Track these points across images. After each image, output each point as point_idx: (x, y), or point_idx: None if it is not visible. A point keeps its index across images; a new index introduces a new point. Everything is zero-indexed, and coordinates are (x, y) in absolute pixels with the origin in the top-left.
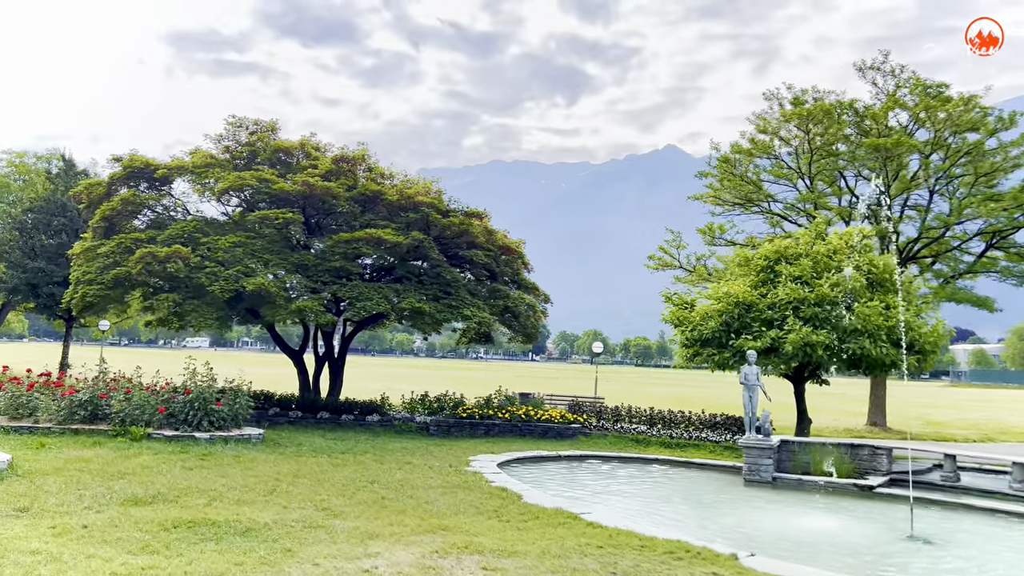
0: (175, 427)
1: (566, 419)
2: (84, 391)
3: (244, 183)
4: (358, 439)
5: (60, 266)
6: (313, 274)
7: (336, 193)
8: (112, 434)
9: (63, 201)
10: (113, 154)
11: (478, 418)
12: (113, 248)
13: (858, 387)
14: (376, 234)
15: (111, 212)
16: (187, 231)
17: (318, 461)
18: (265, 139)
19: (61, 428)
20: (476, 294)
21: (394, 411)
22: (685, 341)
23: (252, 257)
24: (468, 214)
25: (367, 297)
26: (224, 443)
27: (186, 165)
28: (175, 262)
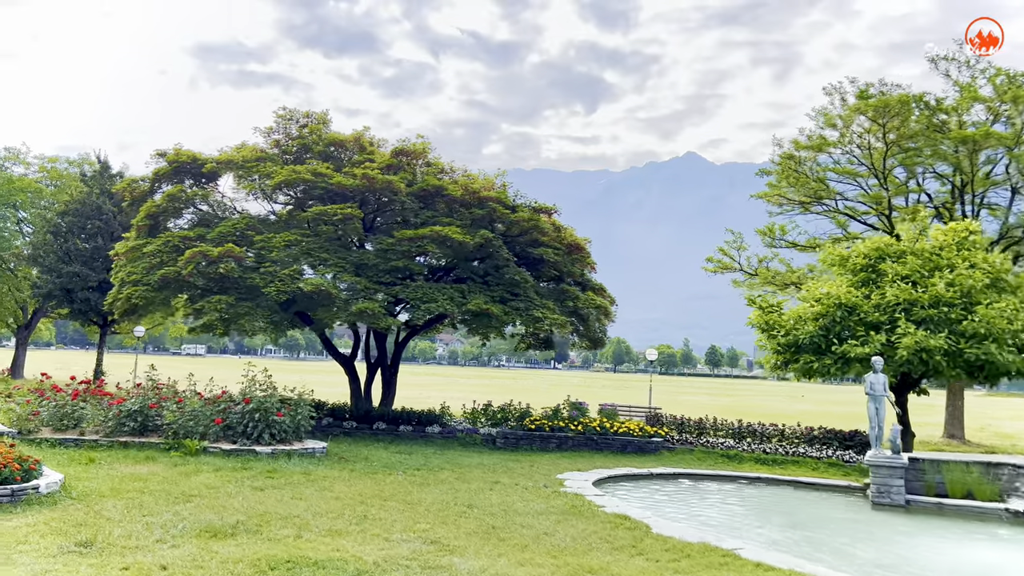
0: (232, 440)
1: (646, 432)
2: (133, 401)
3: (298, 177)
4: (426, 453)
5: (95, 270)
6: (372, 274)
7: (397, 188)
8: (164, 448)
9: (98, 203)
10: (157, 149)
11: (548, 430)
12: (160, 247)
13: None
14: (442, 232)
15: (156, 209)
16: (238, 229)
17: (396, 480)
18: (317, 131)
19: (109, 441)
20: (544, 295)
21: (454, 422)
22: (776, 347)
23: (308, 256)
24: (536, 209)
25: (431, 298)
26: (287, 458)
27: (235, 159)
28: (227, 262)
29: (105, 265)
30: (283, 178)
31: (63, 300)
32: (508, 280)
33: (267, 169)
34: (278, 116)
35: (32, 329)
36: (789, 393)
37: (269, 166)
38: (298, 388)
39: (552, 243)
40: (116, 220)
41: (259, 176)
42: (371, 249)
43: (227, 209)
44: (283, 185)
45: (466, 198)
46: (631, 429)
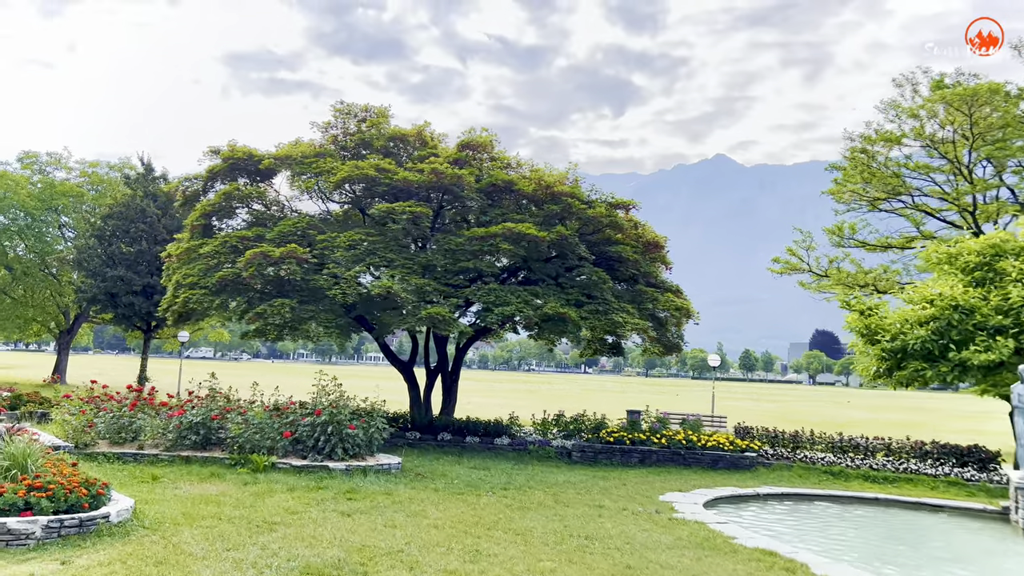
0: (302, 455)
1: (737, 446)
2: (195, 412)
3: (361, 173)
4: (504, 469)
5: (139, 274)
6: (439, 276)
7: (466, 183)
8: (230, 463)
9: (142, 206)
10: (210, 146)
11: (628, 443)
12: (217, 248)
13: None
14: (516, 229)
15: (211, 208)
16: (299, 228)
17: (490, 503)
18: (378, 126)
19: (170, 456)
20: (619, 297)
21: (523, 432)
22: (881, 353)
23: (372, 257)
24: (613, 204)
25: (504, 301)
26: (363, 475)
27: (293, 155)
28: (290, 263)
29: (149, 269)
30: (345, 174)
31: (107, 305)
32: (582, 281)
33: (327, 165)
34: (336, 111)
35: (74, 334)
36: (831, 399)
37: (329, 162)
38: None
39: (629, 241)
40: (160, 223)
41: (318, 173)
42: (436, 249)
43: (283, 207)
44: (344, 182)
45: (537, 193)
46: (720, 443)
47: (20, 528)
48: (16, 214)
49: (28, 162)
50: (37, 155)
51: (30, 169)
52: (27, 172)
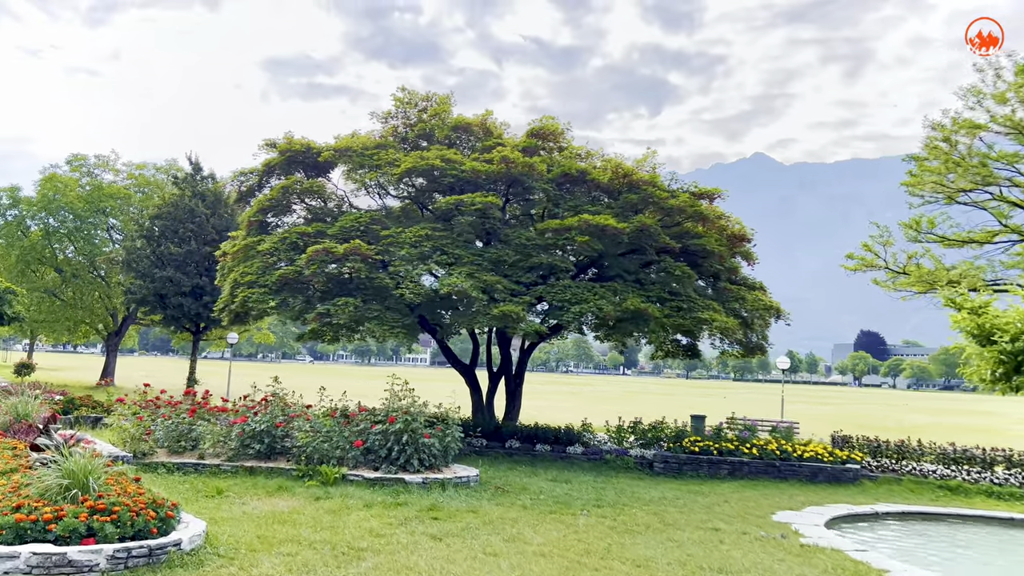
0: (374, 466)
1: (837, 457)
2: (259, 419)
3: (427, 164)
4: (587, 482)
5: (188, 275)
6: (510, 272)
7: (538, 172)
8: (297, 475)
9: (190, 206)
10: (265, 139)
11: (716, 454)
12: (276, 244)
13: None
14: (594, 221)
15: (269, 203)
16: (362, 223)
17: (589, 524)
18: (441, 115)
19: (232, 466)
20: (703, 294)
21: (596, 440)
22: (999, 356)
23: (439, 254)
24: (696, 194)
25: (581, 299)
26: (441, 489)
27: (353, 147)
28: (354, 260)
29: (197, 270)
30: (410, 165)
31: (156, 306)
32: (662, 277)
33: (388, 156)
34: (397, 100)
35: (122, 336)
36: (884, 401)
37: (391, 153)
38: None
39: (712, 233)
40: (209, 223)
41: (380, 165)
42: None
43: (342, 202)
44: (408, 174)
45: (613, 183)
46: (818, 453)
47: (83, 559)
48: (65, 216)
49: (76, 164)
50: (85, 157)
51: (79, 171)
52: (76, 175)
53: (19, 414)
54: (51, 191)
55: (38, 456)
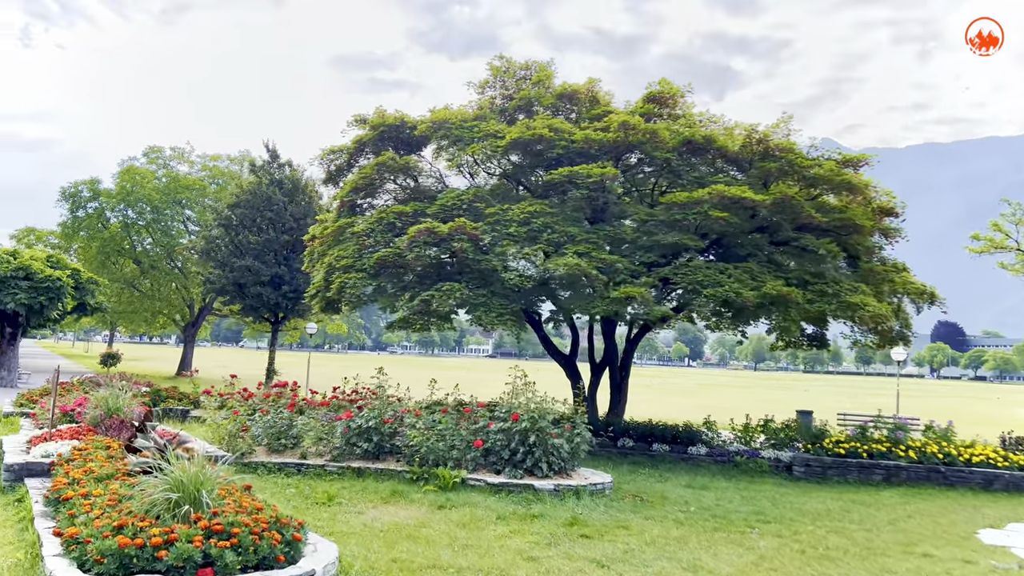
0: (495, 469)
1: (1013, 462)
2: (365, 415)
3: (533, 134)
4: (733, 490)
5: (266, 264)
6: (629, 252)
7: (661, 140)
8: (410, 478)
9: (268, 194)
10: (355, 115)
11: (866, 456)
12: (372, 225)
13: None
14: (729, 193)
15: (362, 181)
16: (464, 201)
17: (773, 548)
18: (544, 82)
19: (338, 467)
20: (847, 275)
21: (719, 439)
22: None
23: (549, 232)
24: (842, 162)
25: (715, 281)
26: (576, 498)
27: (450, 119)
28: (461, 240)
29: (276, 259)
30: (516, 135)
31: (235, 296)
32: (799, 256)
33: (489, 127)
34: (493, 69)
35: (199, 327)
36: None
37: (492, 124)
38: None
39: (857, 205)
40: (287, 211)
41: (480, 137)
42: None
43: (439, 180)
44: (513, 146)
45: (744, 152)
46: (989, 457)
47: None
48: (143, 208)
49: (153, 156)
50: (161, 149)
51: (155, 163)
52: (152, 167)
53: (110, 408)
54: (129, 183)
55: (138, 461)
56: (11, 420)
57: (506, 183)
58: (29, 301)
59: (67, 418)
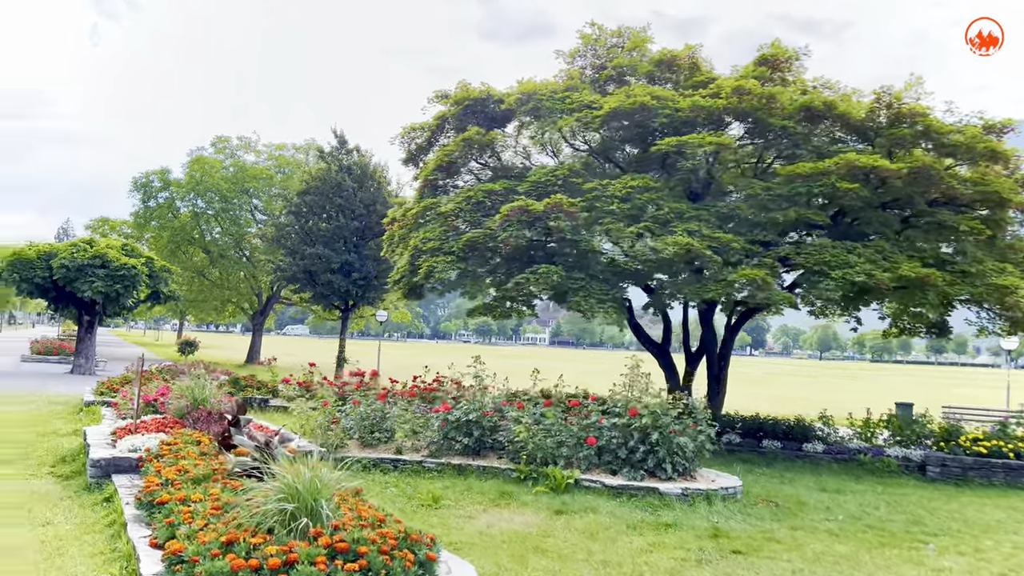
0: (610, 468)
1: None
2: (464, 407)
3: (634, 103)
4: (871, 493)
5: (336, 251)
6: (743, 230)
7: (779, 106)
8: (517, 477)
9: (337, 180)
10: (436, 91)
11: (1013, 457)
12: (459, 204)
13: None
14: (860, 162)
15: (447, 160)
16: (559, 176)
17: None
18: (639, 49)
19: (436, 463)
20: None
21: (837, 435)
22: None
23: (656, 208)
24: (987, 127)
25: (843, 262)
26: (707, 503)
27: (539, 91)
28: (558, 218)
29: (346, 246)
30: (615, 105)
31: (306, 283)
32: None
33: (582, 98)
34: (583, 37)
35: (267, 315)
36: None
37: (585, 94)
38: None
39: (999, 176)
40: (356, 197)
41: (572, 109)
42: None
43: (522, 156)
44: (611, 117)
45: (869, 119)
46: None
47: None
48: (212, 197)
49: (220, 146)
50: (228, 139)
51: (222, 153)
52: (220, 156)
53: (196, 399)
54: (198, 172)
55: (237, 460)
56: (92, 409)
57: (595, 159)
58: (106, 289)
59: (150, 408)
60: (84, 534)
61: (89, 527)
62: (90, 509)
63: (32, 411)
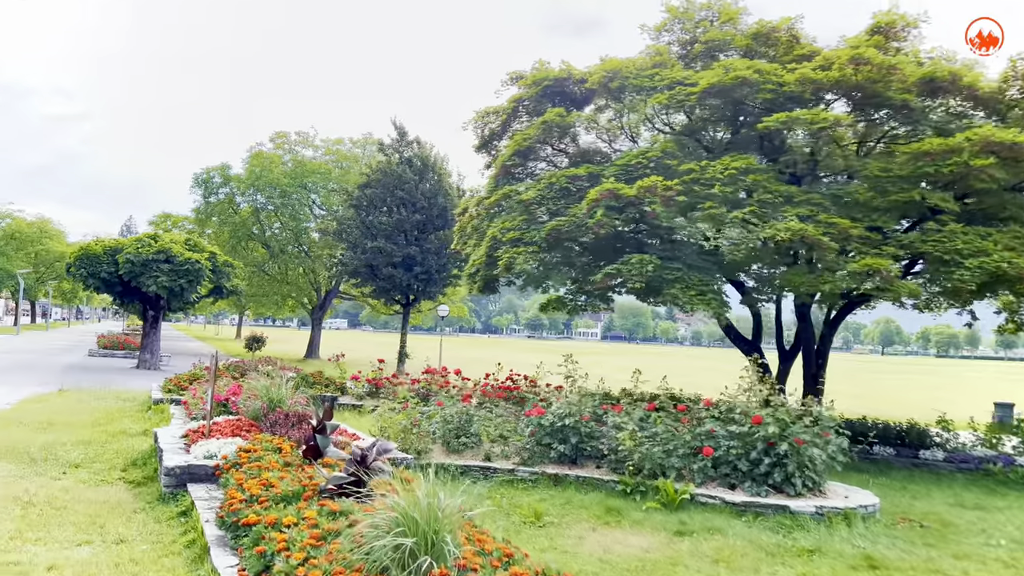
0: (728, 482)
1: None
2: (558, 409)
3: (736, 77)
4: (1019, 510)
5: (398, 245)
6: (860, 215)
7: (901, 77)
8: (621, 490)
9: (398, 172)
10: (510, 72)
11: None
12: (541, 192)
13: None
14: (998, 137)
15: (525, 144)
16: (650, 158)
17: None
18: (733, 22)
19: (530, 473)
20: None
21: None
22: None
23: (764, 191)
24: None
25: (978, 249)
26: (845, 524)
27: (625, 69)
28: (653, 203)
29: (407, 239)
30: (715, 80)
31: (367, 278)
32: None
33: (672, 75)
34: (670, 10)
35: (326, 310)
36: None
37: (677, 70)
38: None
39: None
40: (418, 189)
41: (664, 86)
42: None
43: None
44: (709, 94)
45: (997, 92)
46: None
47: None
48: (271, 192)
49: (279, 142)
50: (287, 135)
51: (281, 148)
52: (279, 152)
53: (272, 400)
54: (258, 167)
55: (332, 477)
56: (161, 407)
57: (684, 140)
58: (170, 284)
59: (221, 408)
60: (161, 556)
61: (167, 547)
62: (166, 524)
63: (102, 407)
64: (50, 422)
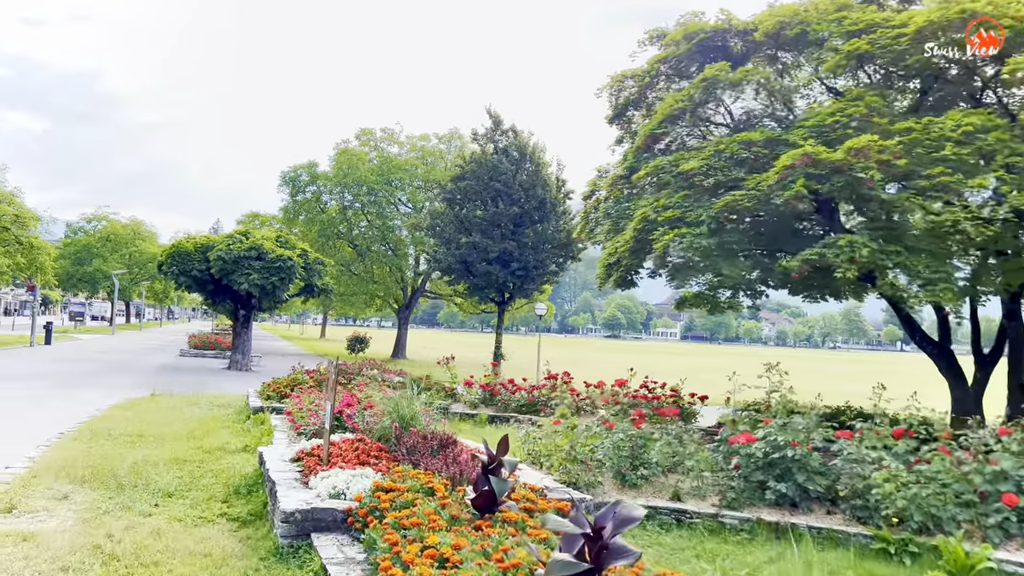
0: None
1: None
2: (773, 438)
3: (965, 10)
4: None
5: (493, 239)
6: None
7: None
8: (879, 548)
9: (494, 163)
10: (649, 30)
11: None
12: (707, 160)
13: None
14: None
15: (679, 106)
16: (852, 116)
17: None
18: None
19: (738, 519)
20: None
21: None
22: None
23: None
24: None
25: None
26: None
27: (801, 13)
28: (869, 167)
29: (503, 234)
30: (933, 18)
31: (461, 275)
32: None
33: (865, 17)
34: None
35: (412, 308)
36: None
37: (872, 11)
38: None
39: None
40: (515, 180)
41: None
42: None
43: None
44: (924, 36)
45: None
46: None
47: None
48: (359, 189)
49: (365, 139)
50: (372, 131)
51: (367, 145)
52: (365, 149)
53: (404, 418)
54: (345, 164)
55: (555, 564)
56: (261, 417)
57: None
58: (262, 281)
59: (335, 422)
60: None
61: None
62: None
63: (195, 415)
64: (140, 434)
